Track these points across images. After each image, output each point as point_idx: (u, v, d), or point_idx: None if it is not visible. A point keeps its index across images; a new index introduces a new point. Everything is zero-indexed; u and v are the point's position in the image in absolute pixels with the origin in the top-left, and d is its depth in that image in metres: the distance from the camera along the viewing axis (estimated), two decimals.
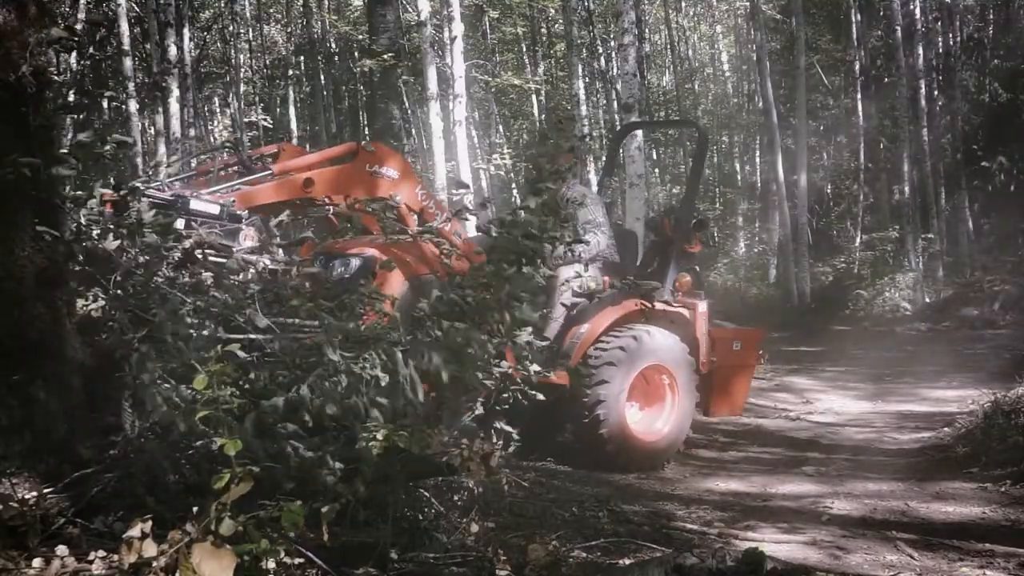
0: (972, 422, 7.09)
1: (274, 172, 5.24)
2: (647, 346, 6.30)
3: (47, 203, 3.41)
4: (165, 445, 3.32)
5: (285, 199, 5.09)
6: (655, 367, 6.40)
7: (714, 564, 3.38)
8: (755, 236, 23.18)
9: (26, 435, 3.26)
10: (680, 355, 6.49)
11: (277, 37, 27.08)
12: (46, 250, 3.35)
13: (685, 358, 6.52)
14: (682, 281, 6.72)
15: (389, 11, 15.15)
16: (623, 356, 6.17)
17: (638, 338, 6.26)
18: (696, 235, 6.94)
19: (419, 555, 3.56)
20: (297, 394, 3.30)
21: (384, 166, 5.53)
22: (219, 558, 2.54)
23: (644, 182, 11.76)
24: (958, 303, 15.54)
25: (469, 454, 3.41)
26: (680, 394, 6.49)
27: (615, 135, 9.05)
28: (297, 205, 5.30)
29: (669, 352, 6.43)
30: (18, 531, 2.89)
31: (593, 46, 21.58)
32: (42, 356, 3.31)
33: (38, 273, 3.33)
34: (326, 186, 5.29)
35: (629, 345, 6.22)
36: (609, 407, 6.11)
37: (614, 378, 6.12)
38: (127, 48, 16.18)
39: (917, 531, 4.96)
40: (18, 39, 3.28)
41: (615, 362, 6.14)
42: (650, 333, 6.33)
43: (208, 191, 4.82)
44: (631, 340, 6.23)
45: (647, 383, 6.46)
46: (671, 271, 6.65)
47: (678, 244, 6.74)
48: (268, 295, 3.87)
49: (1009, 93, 20.18)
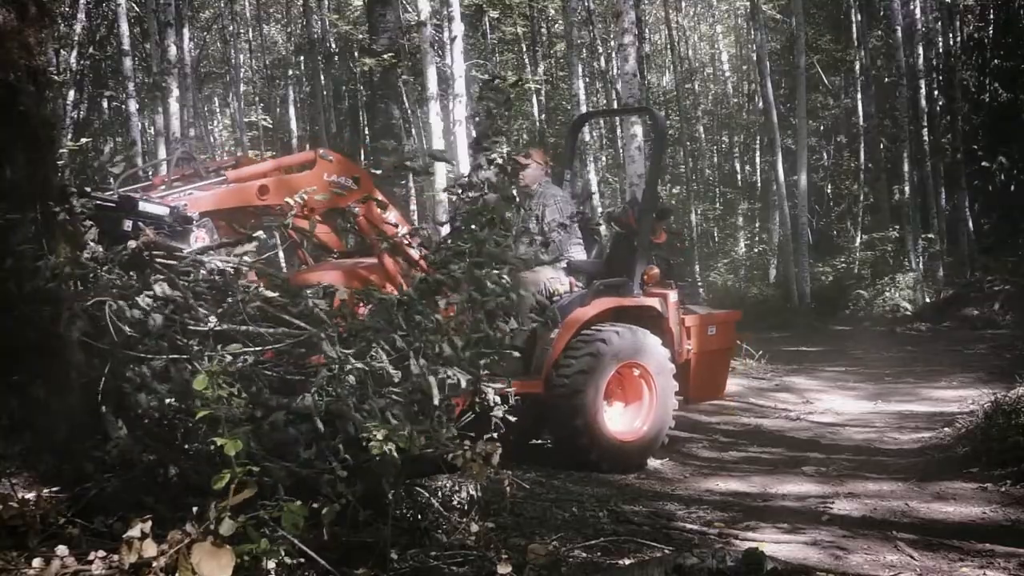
0: (972, 422, 7.08)
1: (228, 179, 5.19)
2: (618, 346, 6.21)
3: (46, 203, 3.41)
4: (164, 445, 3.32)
5: (238, 205, 5.02)
6: (629, 365, 6.32)
7: (714, 564, 3.38)
8: (755, 236, 23.19)
9: (26, 435, 3.26)
10: (654, 350, 6.39)
11: (277, 37, 27.12)
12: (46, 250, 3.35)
13: (659, 351, 6.42)
14: (650, 274, 6.58)
15: (389, 11, 15.15)
16: (594, 362, 6.09)
17: (608, 340, 6.17)
18: (660, 225, 6.86)
19: (419, 555, 3.57)
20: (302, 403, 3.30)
21: (343, 176, 5.48)
22: (218, 558, 2.54)
23: (644, 182, 11.74)
24: (958, 303, 15.52)
25: (470, 454, 3.42)
26: (657, 389, 6.40)
27: (572, 125, 8.97)
28: (251, 213, 5.22)
29: (642, 349, 6.34)
30: (18, 531, 2.89)
31: (593, 46, 21.58)
32: (42, 356, 3.31)
33: (38, 273, 3.33)
34: (281, 194, 5.21)
35: (600, 349, 6.13)
36: (586, 415, 6.05)
37: (587, 385, 6.05)
38: (127, 48, 16.19)
39: (917, 531, 4.95)
40: (18, 39, 3.28)
41: (587, 369, 6.06)
42: (620, 333, 6.23)
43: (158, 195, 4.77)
44: (601, 344, 6.14)
45: (623, 381, 6.40)
46: (638, 264, 6.53)
47: (643, 236, 6.59)
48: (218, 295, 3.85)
49: (1009, 93, 20.18)
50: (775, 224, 19.75)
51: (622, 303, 6.43)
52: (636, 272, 6.52)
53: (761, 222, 22.83)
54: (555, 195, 6.69)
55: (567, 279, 6.48)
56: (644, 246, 6.59)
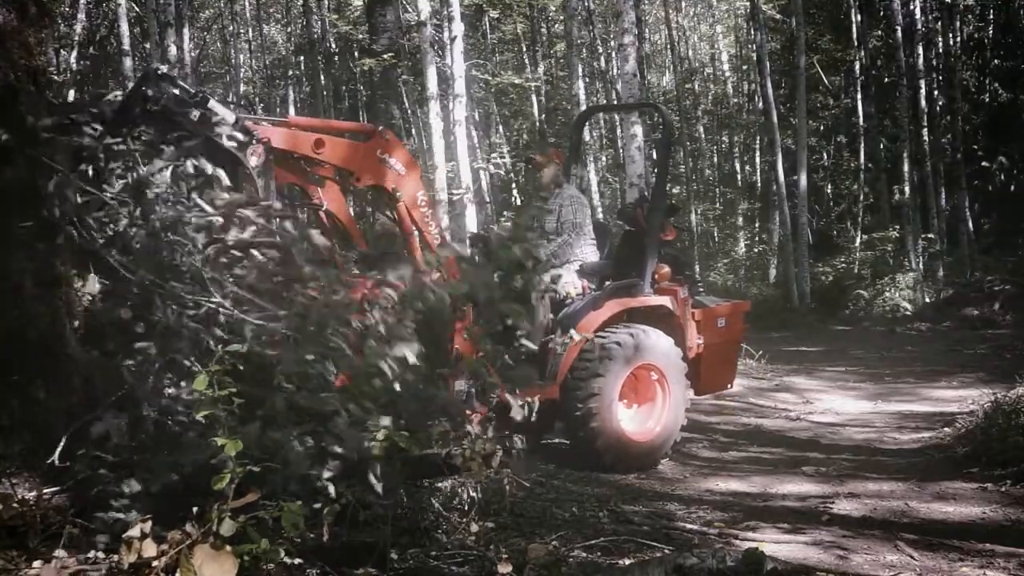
0: (972, 422, 7.08)
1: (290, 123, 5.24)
2: (634, 348, 6.23)
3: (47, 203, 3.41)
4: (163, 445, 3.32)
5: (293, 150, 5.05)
6: (644, 366, 6.35)
7: (714, 564, 3.38)
8: (755, 236, 23.18)
9: (26, 435, 3.26)
10: (667, 350, 6.42)
11: (277, 37, 27.12)
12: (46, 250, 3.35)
13: (673, 352, 6.45)
14: (661, 272, 6.60)
15: (389, 11, 15.17)
16: (610, 364, 6.11)
17: (622, 342, 6.19)
18: (669, 222, 6.86)
19: (419, 555, 3.57)
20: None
21: (394, 158, 5.51)
22: (221, 561, 2.54)
23: (644, 182, 11.76)
24: (958, 303, 15.52)
25: (470, 454, 3.41)
26: (671, 390, 6.43)
27: (576, 120, 8.95)
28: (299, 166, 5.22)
29: (657, 349, 6.36)
30: (18, 531, 2.89)
31: (593, 46, 21.57)
32: (42, 356, 3.31)
33: (38, 273, 3.33)
34: (335, 154, 5.21)
35: (615, 351, 6.15)
36: (602, 417, 6.08)
37: (604, 388, 6.08)
38: (127, 48, 16.19)
39: (917, 531, 4.96)
40: (18, 39, 3.28)
41: (603, 372, 6.09)
42: (634, 334, 6.26)
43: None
44: (615, 346, 6.16)
45: (637, 382, 6.43)
46: (649, 263, 6.53)
47: (652, 234, 6.59)
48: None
49: (1009, 93, 20.21)
50: (775, 224, 19.73)
51: (634, 304, 6.43)
52: (647, 271, 6.52)
53: (761, 222, 22.81)
54: (572, 196, 6.70)
55: (580, 282, 6.47)
56: (654, 244, 6.59)
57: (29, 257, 3.30)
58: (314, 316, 3.34)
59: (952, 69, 20.01)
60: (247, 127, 4.50)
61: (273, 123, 5.11)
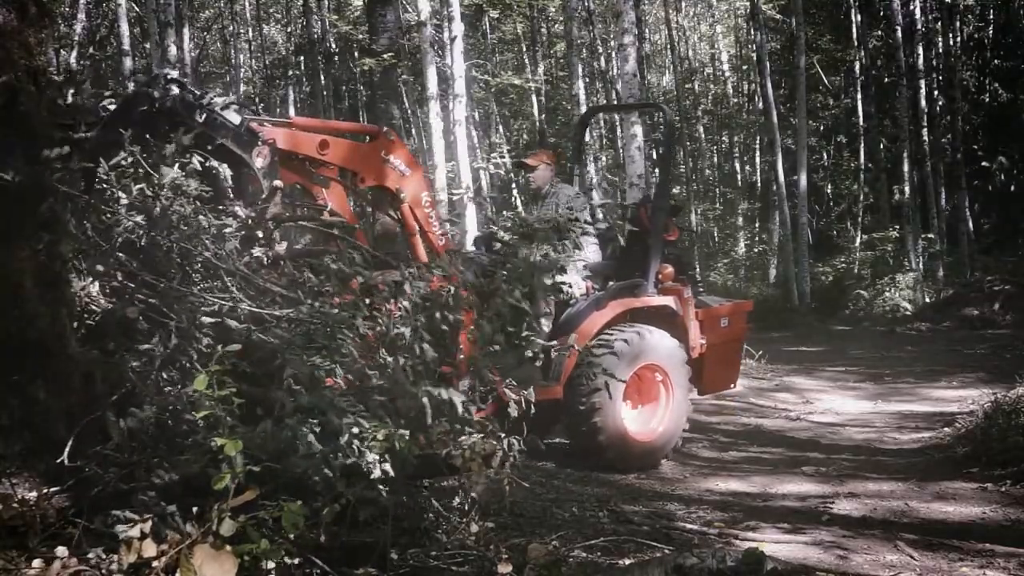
0: (972, 422, 7.08)
1: (293, 123, 5.24)
2: (638, 347, 6.23)
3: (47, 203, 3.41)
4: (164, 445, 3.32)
5: (296, 151, 5.06)
6: (648, 366, 6.35)
7: (714, 564, 3.38)
8: (755, 236, 23.18)
9: (26, 435, 3.25)
10: (672, 351, 6.42)
11: (277, 37, 27.11)
12: (46, 250, 3.35)
13: (677, 353, 6.45)
14: (665, 272, 6.60)
15: (389, 11, 15.13)
16: (615, 362, 6.10)
17: (629, 341, 6.19)
18: (672, 222, 6.85)
19: (419, 555, 3.57)
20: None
21: (397, 158, 5.50)
22: (221, 562, 2.54)
23: (644, 182, 11.76)
24: (958, 303, 15.51)
25: (470, 454, 3.41)
26: (674, 390, 6.43)
27: (579, 120, 8.95)
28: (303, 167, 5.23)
29: (661, 349, 6.36)
30: (18, 531, 2.89)
31: (593, 46, 21.56)
32: (42, 356, 3.31)
33: (38, 273, 3.33)
34: (339, 155, 5.23)
35: (621, 350, 6.15)
36: (606, 414, 6.08)
37: (607, 389, 6.05)
38: (127, 48, 16.20)
39: (917, 531, 4.96)
40: (18, 39, 3.28)
41: (608, 368, 6.06)
42: (640, 334, 6.26)
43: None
44: (622, 344, 6.17)
45: (641, 382, 6.43)
46: (652, 263, 6.53)
47: (656, 234, 6.58)
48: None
49: (1009, 93, 20.21)
50: (775, 224, 19.73)
51: (638, 304, 6.43)
52: (651, 271, 6.52)
53: (761, 222, 22.81)
54: (568, 195, 6.65)
55: (584, 283, 6.45)
56: (658, 244, 6.59)
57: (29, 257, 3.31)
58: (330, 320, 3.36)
59: (952, 69, 20.01)
60: (251, 128, 4.51)
61: (275, 124, 5.11)
